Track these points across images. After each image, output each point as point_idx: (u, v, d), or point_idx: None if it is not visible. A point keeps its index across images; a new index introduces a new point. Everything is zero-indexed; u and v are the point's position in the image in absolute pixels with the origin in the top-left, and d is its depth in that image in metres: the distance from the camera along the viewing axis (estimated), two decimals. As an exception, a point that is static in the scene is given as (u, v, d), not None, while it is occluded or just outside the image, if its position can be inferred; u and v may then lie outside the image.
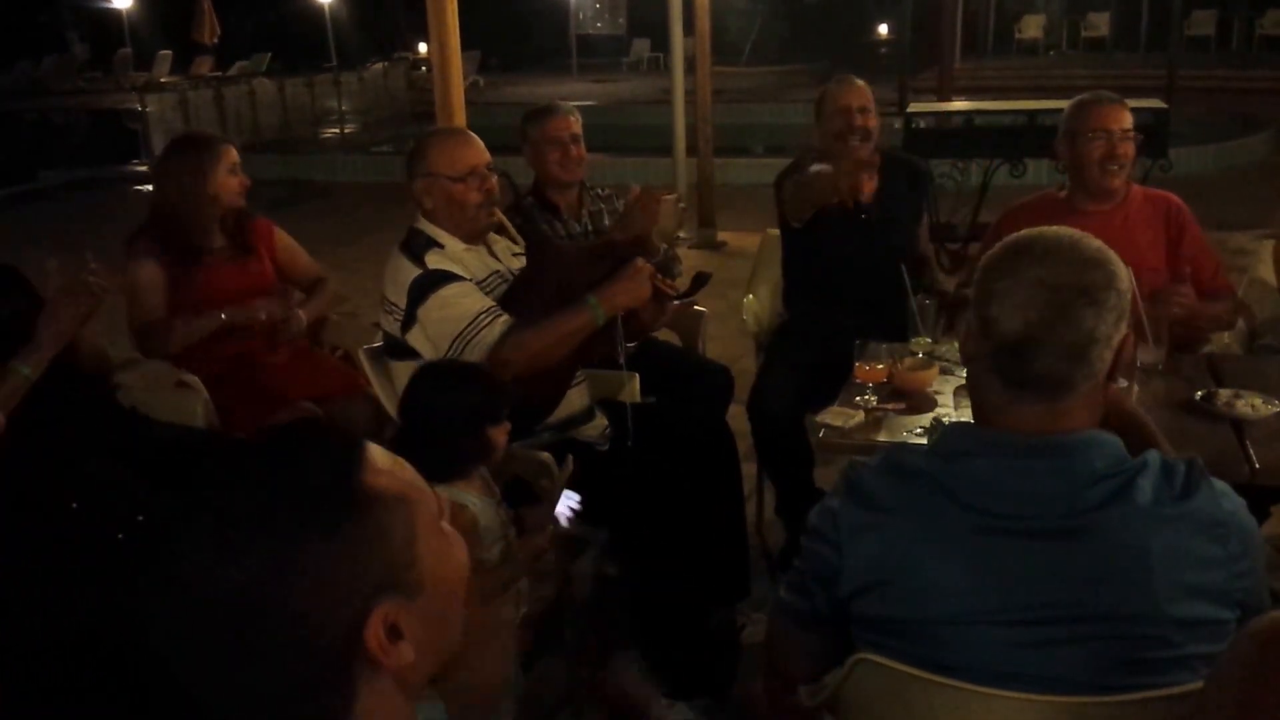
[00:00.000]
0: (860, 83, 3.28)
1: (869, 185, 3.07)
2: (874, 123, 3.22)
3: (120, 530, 1.69)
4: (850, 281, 3.21)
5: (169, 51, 18.12)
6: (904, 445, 2.10)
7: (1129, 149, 2.82)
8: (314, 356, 3.24)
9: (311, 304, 3.21)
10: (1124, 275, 1.35)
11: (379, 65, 18.32)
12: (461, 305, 2.47)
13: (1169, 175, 5.97)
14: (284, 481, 0.82)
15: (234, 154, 3.08)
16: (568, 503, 2.12)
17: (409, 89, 18.11)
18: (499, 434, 2.08)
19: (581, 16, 23.90)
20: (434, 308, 2.47)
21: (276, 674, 0.79)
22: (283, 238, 3.27)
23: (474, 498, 2.10)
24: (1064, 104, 2.99)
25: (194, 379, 2.90)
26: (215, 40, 17.35)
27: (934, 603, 1.34)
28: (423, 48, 20.07)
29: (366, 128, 15.86)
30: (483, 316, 2.46)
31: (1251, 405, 2.26)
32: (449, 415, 2.05)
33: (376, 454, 0.86)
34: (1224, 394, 2.31)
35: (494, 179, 2.61)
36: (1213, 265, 2.89)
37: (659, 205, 2.79)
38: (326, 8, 16.55)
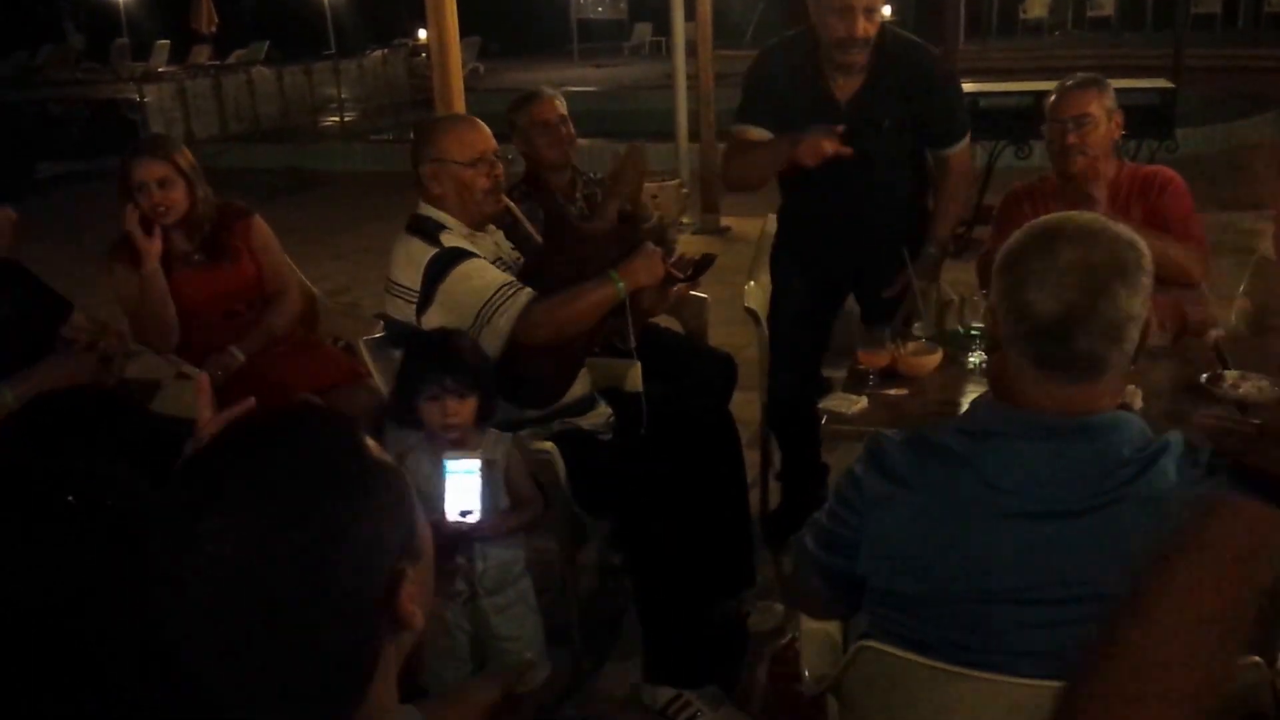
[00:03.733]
0: None
1: (829, 146, 2.81)
2: (875, 26, 2.85)
3: (119, 523, 1.68)
4: (838, 196, 3.02)
5: (166, 41, 17.99)
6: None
7: (1089, 136, 2.78)
8: (314, 347, 3.22)
9: (254, 335, 3.05)
10: (1149, 257, 1.36)
11: (379, 53, 18.22)
12: (484, 277, 2.48)
13: (1175, 155, 5.91)
14: (306, 457, 0.82)
15: (151, 169, 2.91)
16: (460, 507, 2.18)
17: (409, 76, 18.00)
18: (429, 406, 2.28)
19: (582, 1, 23.76)
20: (455, 282, 2.48)
21: (320, 645, 0.80)
22: (260, 238, 3.17)
23: (425, 462, 2.25)
24: None
25: (195, 370, 2.88)
26: (213, 29, 17.24)
27: (951, 580, 1.36)
28: (423, 34, 19.96)
29: (366, 116, 15.79)
30: (506, 288, 2.47)
31: (1257, 388, 2.26)
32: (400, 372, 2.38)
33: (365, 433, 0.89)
34: (1230, 376, 2.31)
35: (500, 166, 2.61)
36: (1181, 216, 2.83)
37: (644, 158, 2.83)
38: (325, -6, 16.46)
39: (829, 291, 3.24)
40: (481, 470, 2.17)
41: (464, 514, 2.17)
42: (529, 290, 2.49)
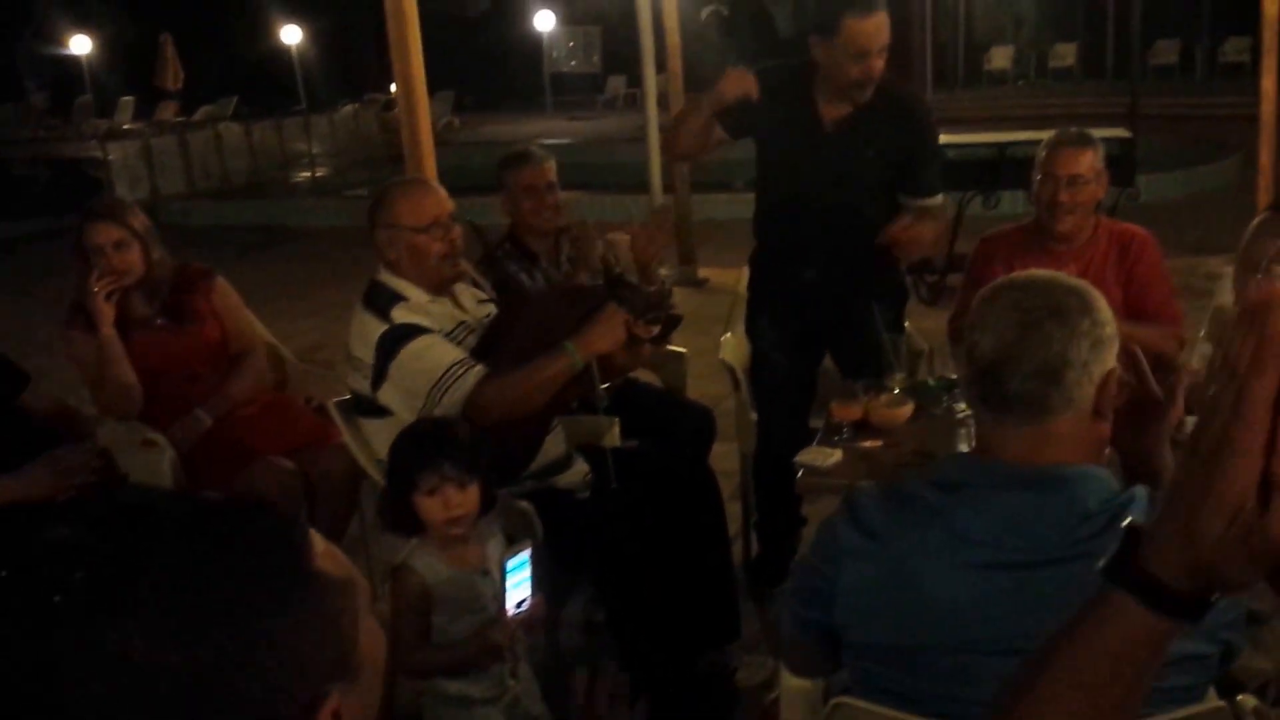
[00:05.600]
0: (881, 14, 2.85)
1: (739, 82, 2.87)
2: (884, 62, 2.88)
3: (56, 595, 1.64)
4: (813, 207, 3.02)
5: (131, 97, 17.99)
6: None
7: (1080, 195, 2.80)
8: (284, 408, 3.17)
9: (220, 397, 3.00)
10: (1105, 309, 1.38)
11: (350, 107, 18.28)
12: (433, 356, 2.44)
13: (1137, 203, 6.01)
14: (238, 560, 0.77)
15: (107, 232, 2.88)
16: (516, 599, 2.01)
17: (382, 131, 18.05)
18: (428, 502, 2.05)
19: (555, 55, 24.01)
20: (406, 361, 2.43)
21: None
22: (223, 299, 3.13)
23: (437, 564, 2.08)
24: (1034, 135, 3.01)
25: (160, 437, 2.86)
26: (179, 85, 17.28)
27: (926, 631, 1.37)
28: (393, 88, 20.05)
29: (338, 170, 15.77)
30: (456, 367, 2.43)
31: None
32: (390, 470, 2.14)
33: (316, 537, 0.83)
34: (1190, 421, 2.29)
35: (457, 229, 2.56)
36: (1161, 295, 2.87)
37: (657, 233, 2.82)
38: (295, 50, 16.52)
39: (807, 341, 3.23)
40: (531, 555, 2.01)
41: (519, 605, 2.02)
42: (479, 369, 2.44)
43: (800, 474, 2.41)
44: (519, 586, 2.00)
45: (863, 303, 2.92)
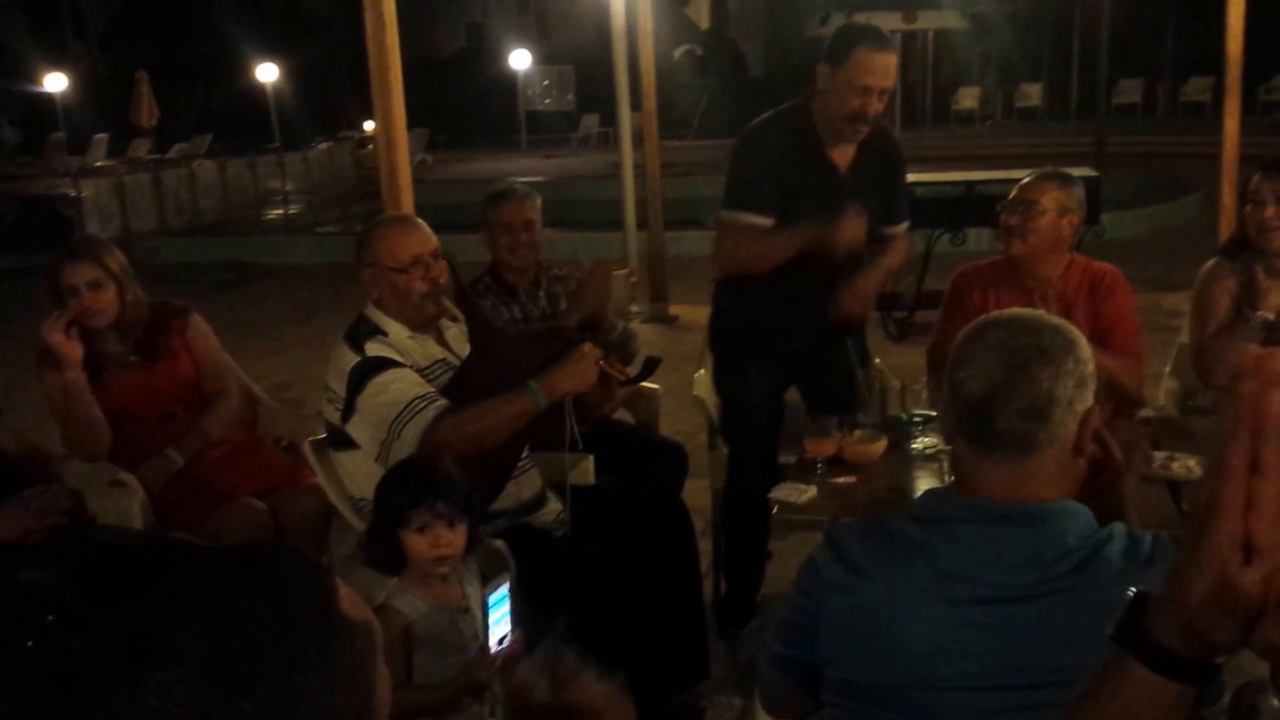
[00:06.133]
0: (892, 53, 2.92)
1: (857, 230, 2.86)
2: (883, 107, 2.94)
3: (40, 647, 1.59)
4: (813, 268, 2.94)
5: (104, 135, 17.90)
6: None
7: (1031, 223, 2.83)
8: (255, 448, 3.14)
9: (192, 437, 2.98)
10: (1086, 346, 1.41)
11: (324, 145, 18.30)
12: (397, 390, 2.44)
13: (1102, 240, 6.10)
14: (276, 610, 0.76)
15: (82, 272, 2.86)
16: (499, 635, 1.97)
17: (356, 168, 18.08)
18: (417, 539, 2.03)
19: (530, 93, 24.16)
20: (372, 394, 2.44)
21: None
22: (198, 338, 3.11)
23: (419, 602, 2.06)
24: (1001, 174, 3.06)
25: (130, 477, 2.83)
26: (154, 122, 17.23)
27: (908, 667, 1.37)
28: (369, 126, 20.11)
29: (312, 208, 15.74)
30: (417, 401, 2.42)
31: (1186, 467, 2.30)
32: (379, 504, 2.13)
33: (339, 581, 0.83)
34: (1159, 456, 2.35)
35: (440, 267, 2.56)
36: (1126, 332, 2.90)
37: (612, 279, 2.87)
38: (270, 87, 16.53)
39: (777, 376, 3.24)
40: (510, 590, 1.98)
41: (501, 641, 1.99)
42: (440, 403, 2.43)
43: (775, 510, 2.42)
44: (500, 622, 1.98)
45: (835, 337, 2.94)
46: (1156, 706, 0.77)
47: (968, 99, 22.30)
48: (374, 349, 2.48)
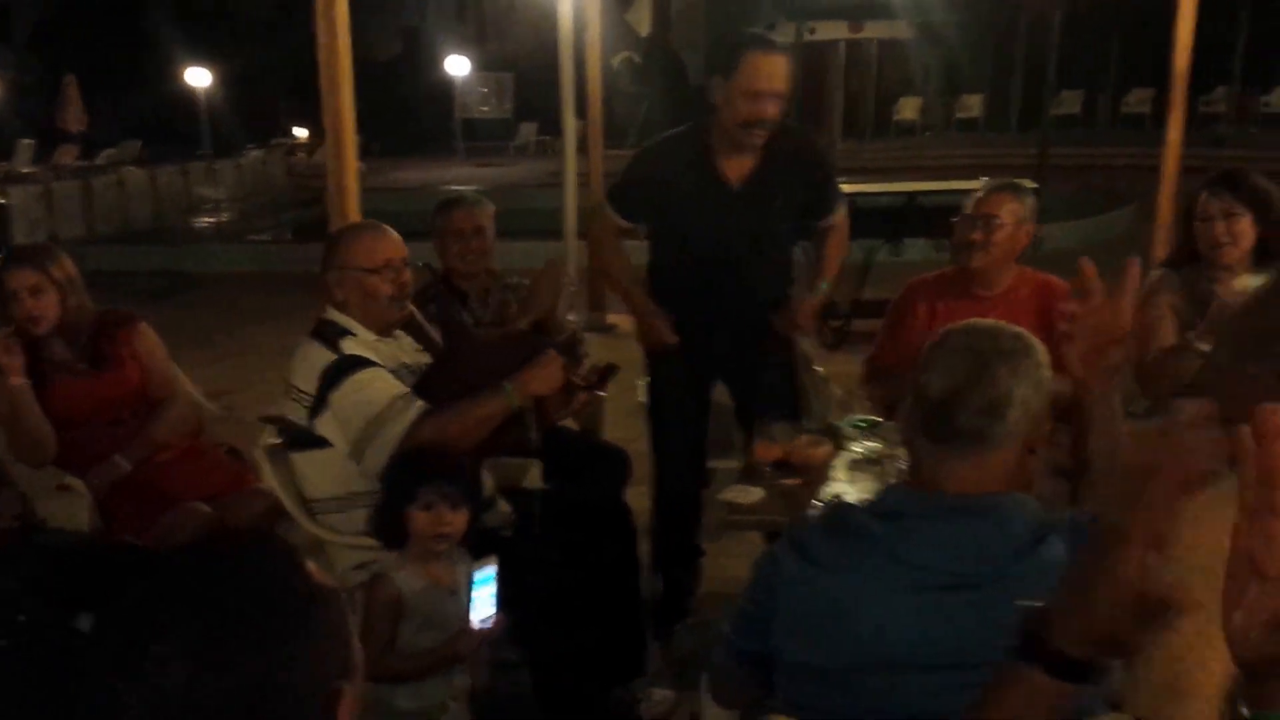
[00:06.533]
0: (782, 56, 2.92)
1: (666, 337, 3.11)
2: (779, 112, 2.93)
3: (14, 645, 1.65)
4: (725, 263, 3.13)
5: (31, 140, 17.40)
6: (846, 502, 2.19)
7: (993, 236, 2.87)
8: (201, 454, 3.17)
9: (139, 442, 3.00)
10: (1042, 351, 1.51)
11: (256, 152, 17.98)
12: (377, 389, 2.49)
13: (1041, 251, 6.16)
14: (254, 588, 0.83)
15: (23, 277, 2.89)
16: (482, 613, 2.15)
17: (288, 175, 17.78)
18: (422, 515, 2.20)
19: (467, 100, 23.98)
20: (348, 392, 2.48)
21: None
22: (145, 345, 3.13)
23: (413, 579, 2.22)
24: (941, 185, 3.08)
25: (77, 482, 2.91)
26: (83, 127, 16.82)
27: (867, 651, 1.45)
28: (299, 133, 19.80)
29: (243, 216, 15.46)
30: (398, 401, 2.48)
31: None
32: (389, 481, 2.32)
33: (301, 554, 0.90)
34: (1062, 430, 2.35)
35: (407, 273, 2.64)
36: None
37: (564, 278, 2.99)
38: (201, 93, 16.22)
39: (703, 378, 3.34)
40: (496, 572, 2.15)
41: (483, 621, 2.16)
42: (421, 404, 2.49)
43: (727, 511, 2.53)
44: (484, 602, 2.14)
45: (763, 340, 3.07)
46: (1046, 705, 0.88)
47: (909, 109, 22.51)
48: (350, 347, 2.53)
